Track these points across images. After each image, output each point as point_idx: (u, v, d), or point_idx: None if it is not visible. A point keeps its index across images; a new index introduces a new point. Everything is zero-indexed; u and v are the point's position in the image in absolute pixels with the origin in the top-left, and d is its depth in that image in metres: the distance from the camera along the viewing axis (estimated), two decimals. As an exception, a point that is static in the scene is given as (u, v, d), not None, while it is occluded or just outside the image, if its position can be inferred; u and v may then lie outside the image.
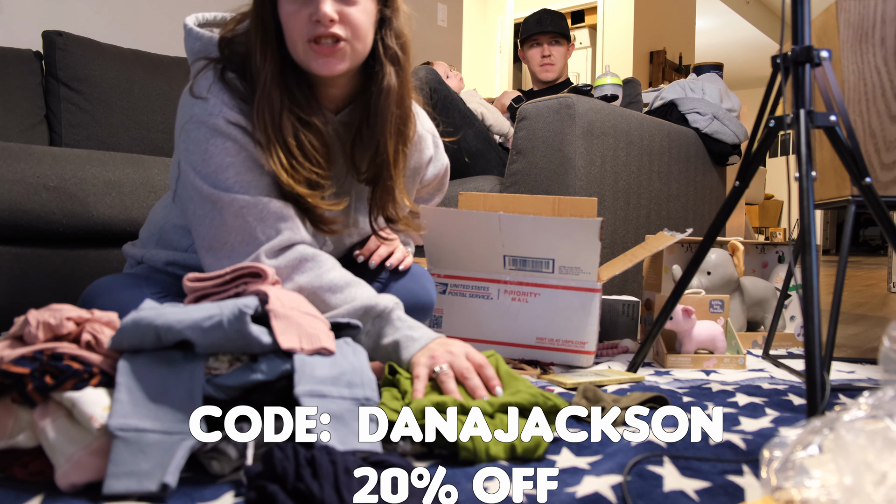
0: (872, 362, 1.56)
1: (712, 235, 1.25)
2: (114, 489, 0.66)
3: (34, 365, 0.71)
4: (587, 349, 1.40)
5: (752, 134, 1.21)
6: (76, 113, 2.01)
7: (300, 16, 1.00)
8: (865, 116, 1.56)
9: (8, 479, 0.72)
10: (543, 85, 2.62)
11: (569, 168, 1.91)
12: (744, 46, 8.47)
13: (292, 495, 0.60)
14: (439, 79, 2.16)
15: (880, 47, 1.55)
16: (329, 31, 1.00)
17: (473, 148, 2.23)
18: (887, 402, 0.59)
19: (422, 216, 1.40)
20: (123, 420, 0.70)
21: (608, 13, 5.31)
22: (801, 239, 1.02)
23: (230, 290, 0.88)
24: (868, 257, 8.56)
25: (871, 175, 1.19)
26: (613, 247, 2.06)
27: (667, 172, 2.31)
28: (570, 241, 1.35)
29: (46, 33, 2.01)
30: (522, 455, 0.80)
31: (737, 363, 1.46)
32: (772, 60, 1.13)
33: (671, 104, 2.52)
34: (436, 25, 3.58)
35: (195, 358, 0.77)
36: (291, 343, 0.79)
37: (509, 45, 5.66)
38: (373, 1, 1.06)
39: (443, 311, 1.47)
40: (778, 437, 0.63)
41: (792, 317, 1.83)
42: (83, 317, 0.79)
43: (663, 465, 0.76)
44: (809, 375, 0.94)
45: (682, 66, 5.67)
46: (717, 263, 1.74)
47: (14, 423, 0.72)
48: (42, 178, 1.40)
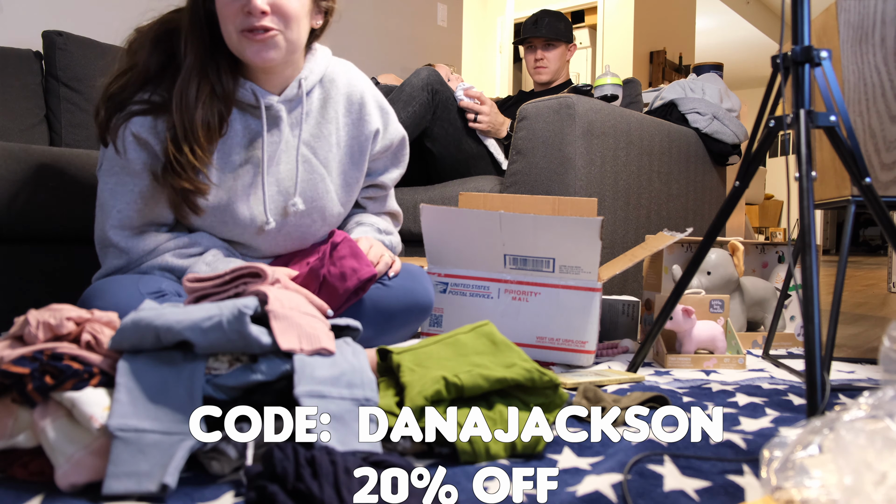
0: (872, 362, 1.56)
1: (712, 235, 1.25)
2: (113, 489, 0.66)
3: (34, 365, 0.71)
4: (587, 348, 1.40)
5: (752, 134, 1.21)
6: (76, 113, 2.01)
7: (233, 6, 1.05)
8: (865, 116, 1.56)
9: (8, 479, 0.72)
10: (542, 86, 2.62)
11: (569, 168, 1.91)
12: (744, 46, 8.47)
13: (292, 495, 0.60)
14: (441, 80, 2.16)
15: (880, 47, 1.55)
16: (260, 24, 1.05)
17: (474, 149, 2.23)
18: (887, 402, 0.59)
19: (422, 216, 1.40)
20: (123, 420, 0.70)
21: (608, 13, 5.31)
22: (801, 239, 1.02)
23: (230, 291, 0.88)
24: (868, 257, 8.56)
25: (871, 175, 1.19)
26: (613, 247, 2.06)
27: (667, 172, 2.31)
28: (571, 240, 1.36)
29: (46, 33, 2.01)
30: (522, 452, 0.81)
31: (737, 363, 1.46)
32: (772, 60, 1.13)
33: (671, 104, 2.52)
34: (436, 25, 3.58)
35: (195, 358, 0.77)
36: (291, 344, 0.79)
37: (509, 45, 5.66)
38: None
39: (443, 310, 1.47)
40: (778, 437, 0.63)
41: (792, 317, 1.83)
42: (83, 317, 0.79)
43: (664, 464, 0.76)
44: (809, 375, 0.94)
45: (682, 66, 5.67)
46: (717, 263, 1.74)
47: (14, 423, 0.72)
48: (42, 178, 1.40)
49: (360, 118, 1.28)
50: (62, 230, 1.45)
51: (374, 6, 3.23)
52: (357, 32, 3.14)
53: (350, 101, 1.28)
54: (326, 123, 1.25)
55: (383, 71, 3.15)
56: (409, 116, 2.08)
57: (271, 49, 1.08)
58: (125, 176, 1.13)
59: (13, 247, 1.41)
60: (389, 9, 3.30)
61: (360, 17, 3.16)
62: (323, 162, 1.24)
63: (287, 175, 1.21)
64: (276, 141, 1.19)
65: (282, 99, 1.18)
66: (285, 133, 1.20)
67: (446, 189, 2.14)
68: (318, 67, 1.23)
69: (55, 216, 1.43)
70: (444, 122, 2.16)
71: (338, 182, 1.28)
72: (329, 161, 1.25)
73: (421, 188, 2.21)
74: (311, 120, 1.23)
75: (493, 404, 0.86)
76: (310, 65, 1.21)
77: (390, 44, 3.32)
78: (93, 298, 1.06)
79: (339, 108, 1.26)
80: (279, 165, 1.20)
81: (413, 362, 0.90)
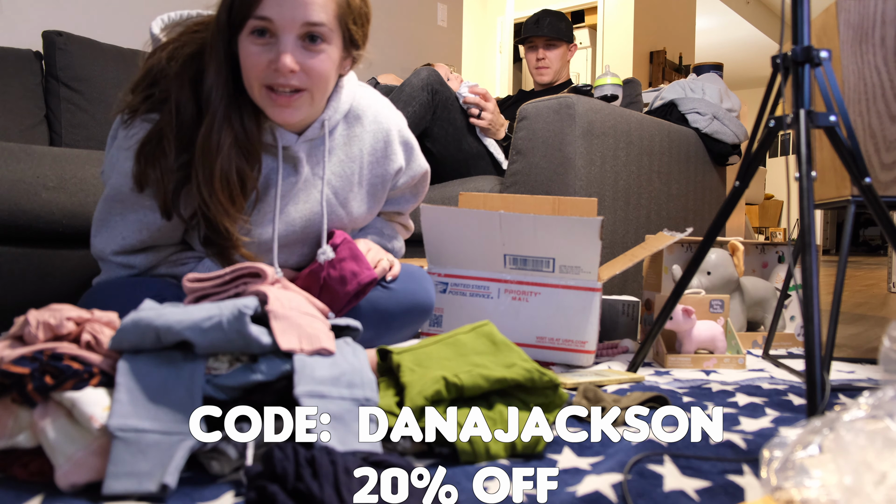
0: (872, 362, 1.55)
1: (712, 235, 1.25)
2: (113, 489, 0.66)
3: (34, 365, 0.71)
4: (587, 348, 1.40)
5: (752, 134, 1.21)
6: (76, 113, 2.01)
7: (260, 59, 0.98)
8: (865, 116, 1.56)
9: (8, 479, 0.72)
10: (543, 86, 2.62)
11: (569, 168, 1.91)
12: (744, 46, 8.47)
13: (292, 495, 0.60)
14: (441, 80, 2.16)
15: (880, 47, 1.55)
16: (288, 83, 0.98)
17: (474, 149, 2.23)
18: (887, 402, 0.59)
19: (422, 216, 1.41)
20: (123, 420, 0.70)
21: (608, 13, 5.31)
22: (801, 239, 1.02)
23: (230, 291, 0.88)
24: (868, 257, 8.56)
25: (871, 175, 1.19)
26: (613, 247, 2.06)
27: (667, 172, 2.31)
28: (571, 240, 1.36)
29: (46, 33, 2.01)
30: (522, 452, 0.80)
31: (737, 363, 1.46)
32: (772, 60, 1.13)
33: (671, 104, 2.52)
34: (436, 25, 3.58)
35: (195, 358, 0.77)
36: (291, 344, 0.79)
37: (509, 45, 5.66)
38: (338, 47, 1.04)
39: (443, 310, 1.47)
40: (778, 437, 0.63)
41: (792, 317, 1.83)
42: (83, 317, 0.79)
43: (664, 464, 0.76)
44: (809, 375, 0.94)
45: (682, 66, 5.66)
46: (717, 263, 1.74)
47: (14, 423, 0.72)
48: (42, 178, 1.40)
49: (384, 156, 1.22)
50: (62, 230, 1.45)
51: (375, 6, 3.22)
52: (357, 32, 3.14)
53: (375, 138, 1.21)
54: (350, 162, 1.18)
55: (383, 71, 3.15)
56: (409, 116, 2.08)
57: (296, 111, 1.02)
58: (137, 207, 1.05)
59: (13, 247, 1.41)
60: (389, 9, 3.30)
61: (360, 17, 3.16)
62: (342, 203, 1.19)
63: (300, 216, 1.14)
64: (293, 182, 1.11)
65: (302, 140, 1.10)
66: (304, 173, 1.13)
67: (446, 189, 2.14)
68: (343, 106, 1.14)
69: (55, 216, 1.43)
70: (444, 121, 2.16)
71: (354, 219, 1.24)
72: (349, 202, 1.20)
73: (421, 188, 2.21)
74: (335, 159, 1.16)
75: (493, 404, 0.86)
76: (334, 104, 1.12)
77: (390, 44, 3.32)
78: (93, 299, 1.06)
79: (365, 146, 1.20)
80: (296, 205, 1.14)
81: (413, 362, 0.90)
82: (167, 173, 0.99)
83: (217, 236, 1.02)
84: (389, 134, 1.23)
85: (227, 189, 0.99)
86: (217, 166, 0.98)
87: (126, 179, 1.02)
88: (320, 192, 1.15)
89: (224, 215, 1.00)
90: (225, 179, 0.99)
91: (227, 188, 0.99)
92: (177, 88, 0.99)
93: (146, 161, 0.99)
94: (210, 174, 0.98)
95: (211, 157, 0.98)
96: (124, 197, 1.04)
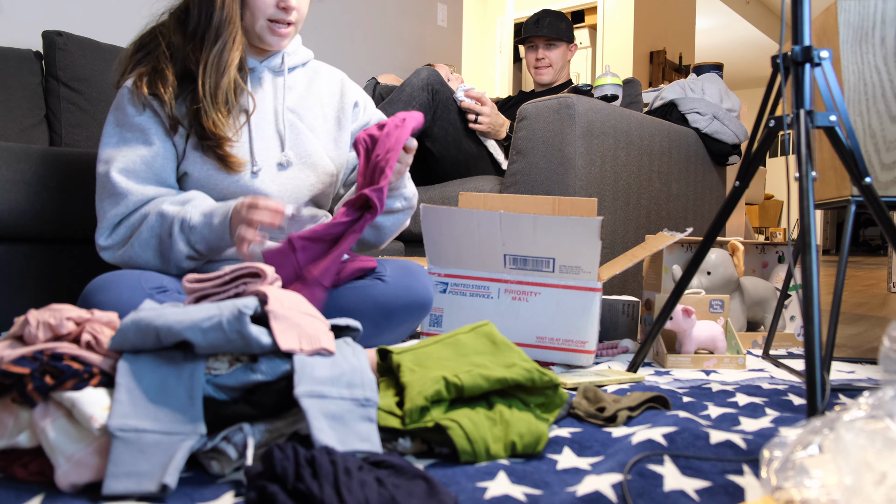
0: (872, 362, 1.56)
1: (712, 235, 1.25)
2: (113, 489, 0.66)
3: (34, 365, 0.71)
4: (587, 348, 1.40)
5: (752, 134, 1.21)
6: (76, 113, 2.01)
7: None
8: (865, 116, 1.56)
9: (8, 479, 0.72)
10: (543, 86, 2.62)
11: (569, 168, 1.91)
12: (744, 46, 8.47)
13: (292, 495, 0.60)
14: (441, 80, 2.16)
15: (880, 47, 1.55)
16: (287, 18, 1.23)
17: (474, 149, 2.23)
18: (887, 402, 0.59)
19: (422, 216, 1.41)
20: (123, 420, 0.70)
21: (608, 13, 5.31)
22: (801, 239, 1.02)
23: (230, 291, 0.88)
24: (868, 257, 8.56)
25: (871, 175, 1.19)
26: (613, 247, 2.06)
27: (667, 172, 2.31)
28: (571, 240, 1.36)
29: (46, 33, 2.01)
30: (522, 452, 0.80)
31: (737, 363, 1.46)
32: (772, 60, 1.13)
33: (671, 104, 2.52)
34: (436, 25, 3.58)
35: (195, 358, 0.77)
36: (291, 344, 0.79)
37: (509, 45, 5.66)
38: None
39: (443, 310, 1.47)
40: (778, 437, 0.63)
41: (792, 317, 1.83)
42: (83, 317, 0.80)
43: (664, 464, 0.76)
44: (809, 375, 0.94)
45: (682, 66, 5.67)
46: (717, 263, 1.74)
47: (14, 423, 0.72)
48: (42, 178, 1.40)
49: (341, 94, 1.40)
50: (62, 230, 1.45)
51: (375, 6, 3.23)
52: (357, 32, 3.14)
53: (331, 81, 1.40)
54: (311, 98, 1.35)
55: (383, 71, 3.15)
56: (410, 116, 2.08)
57: (287, 39, 1.26)
58: (136, 132, 1.19)
59: (13, 247, 1.41)
60: (389, 9, 3.30)
61: (361, 17, 3.16)
62: (310, 127, 1.33)
63: (271, 133, 1.28)
64: (260, 99, 1.29)
65: (265, 64, 1.29)
66: (268, 96, 1.30)
67: (446, 189, 2.14)
68: (302, 54, 1.36)
69: (55, 216, 1.43)
70: (444, 122, 2.16)
71: (326, 141, 1.34)
72: (316, 127, 1.34)
73: (421, 188, 2.21)
74: (295, 93, 1.33)
75: (493, 404, 0.86)
76: (293, 47, 1.34)
77: (390, 44, 3.32)
78: (95, 293, 1.06)
79: (323, 88, 1.38)
80: (263, 121, 1.28)
81: (413, 362, 0.90)
82: (168, 88, 1.19)
83: (208, 140, 1.20)
84: (343, 79, 1.43)
85: (225, 100, 1.20)
86: (224, 79, 1.19)
87: (130, 108, 1.19)
88: (280, 113, 1.31)
89: (219, 126, 1.19)
90: (224, 93, 1.20)
91: (226, 100, 1.20)
92: (168, 32, 1.21)
93: (148, 85, 1.19)
94: (216, 85, 1.19)
95: (220, 71, 1.19)
96: (131, 125, 1.19)
